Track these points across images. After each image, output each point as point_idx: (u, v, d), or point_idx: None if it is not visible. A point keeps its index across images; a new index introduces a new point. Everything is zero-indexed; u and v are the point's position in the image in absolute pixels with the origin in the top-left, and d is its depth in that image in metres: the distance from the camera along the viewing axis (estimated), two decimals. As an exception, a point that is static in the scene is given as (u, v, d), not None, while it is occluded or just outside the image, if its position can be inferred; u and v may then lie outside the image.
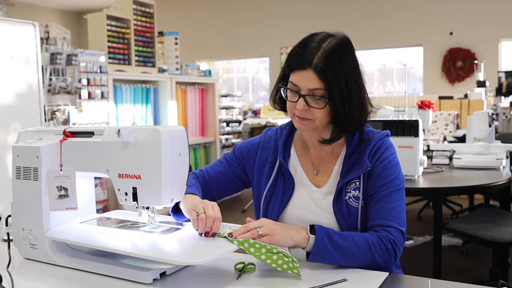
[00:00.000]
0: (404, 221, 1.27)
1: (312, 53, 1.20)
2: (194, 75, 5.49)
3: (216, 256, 1.10)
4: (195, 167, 5.41)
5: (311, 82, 1.20)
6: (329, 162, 1.36)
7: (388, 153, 1.31)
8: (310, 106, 1.23)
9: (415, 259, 3.55)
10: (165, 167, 1.15)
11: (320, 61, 1.19)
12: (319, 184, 1.35)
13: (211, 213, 1.18)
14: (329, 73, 1.19)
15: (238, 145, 1.51)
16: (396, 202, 1.26)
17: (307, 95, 1.22)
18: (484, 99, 5.71)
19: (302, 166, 1.38)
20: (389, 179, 1.28)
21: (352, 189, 1.29)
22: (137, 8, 4.78)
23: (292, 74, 1.24)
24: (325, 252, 1.15)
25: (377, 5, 8.71)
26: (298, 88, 1.23)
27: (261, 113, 7.87)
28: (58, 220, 1.28)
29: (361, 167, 1.28)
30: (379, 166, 1.29)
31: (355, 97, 1.24)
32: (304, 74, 1.21)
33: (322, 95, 1.21)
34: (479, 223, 2.55)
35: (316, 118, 1.24)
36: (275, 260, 1.12)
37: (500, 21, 7.80)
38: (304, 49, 1.22)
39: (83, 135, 1.28)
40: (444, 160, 3.06)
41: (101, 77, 4.18)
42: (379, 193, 1.27)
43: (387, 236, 1.21)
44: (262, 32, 9.71)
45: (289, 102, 1.27)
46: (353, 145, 1.33)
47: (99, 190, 4.21)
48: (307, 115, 1.24)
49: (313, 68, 1.19)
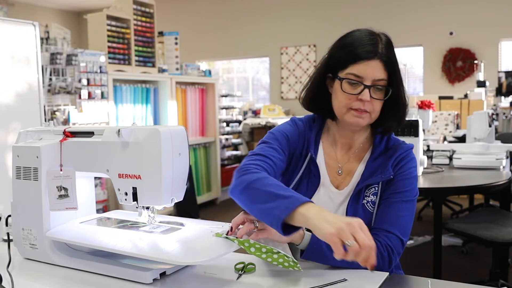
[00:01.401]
0: (408, 232, 1.26)
1: (375, 45, 1.22)
2: (194, 75, 5.49)
3: (216, 256, 1.10)
4: (195, 167, 5.41)
5: (378, 72, 1.21)
6: (352, 163, 1.35)
7: (410, 165, 1.31)
8: (372, 97, 1.22)
9: (415, 259, 3.55)
10: (165, 167, 1.15)
11: (384, 52, 1.21)
12: (339, 185, 1.34)
13: (365, 241, 0.94)
14: (391, 64, 1.22)
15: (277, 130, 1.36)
16: (405, 212, 1.26)
17: (372, 86, 1.22)
18: (484, 99, 5.71)
19: (326, 164, 1.36)
20: (405, 190, 1.28)
21: (371, 194, 1.29)
22: (137, 8, 4.78)
23: (354, 65, 1.22)
24: (319, 251, 1.16)
25: (377, 5, 8.71)
26: (361, 79, 1.22)
27: (261, 113, 7.87)
28: (58, 220, 1.28)
29: (384, 174, 1.28)
30: (400, 175, 1.29)
31: (403, 91, 1.27)
32: (372, 64, 1.21)
33: (383, 85, 1.23)
34: (479, 223, 2.55)
35: (373, 111, 1.25)
36: (276, 259, 1.12)
37: (500, 21, 7.80)
38: (369, 40, 1.22)
39: (83, 135, 1.28)
40: (444, 160, 3.06)
41: (101, 77, 4.18)
42: (390, 200, 1.27)
43: (385, 242, 1.21)
44: (262, 32, 9.71)
45: (346, 95, 1.24)
46: (378, 150, 1.33)
47: (99, 190, 4.21)
48: (367, 107, 1.23)
49: (379, 58, 1.21)
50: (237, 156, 6.48)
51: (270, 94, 9.94)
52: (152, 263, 1.15)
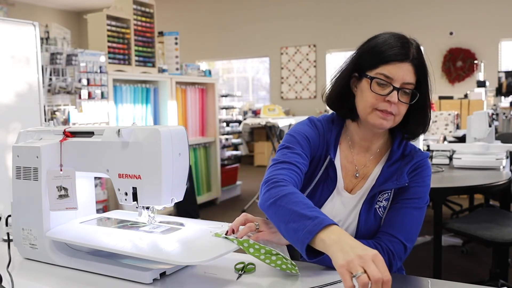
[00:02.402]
0: (413, 239, 1.25)
1: (408, 48, 1.22)
2: (194, 75, 5.49)
3: (216, 256, 1.10)
4: (195, 167, 5.41)
5: (408, 75, 1.21)
6: (369, 167, 1.34)
7: (425, 174, 1.30)
8: (399, 100, 1.22)
9: (415, 259, 3.55)
10: (165, 167, 1.15)
11: (415, 55, 1.22)
12: (354, 188, 1.33)
13: (375, 273, 0.87)
14: (422, 69, 1.23)
15: (297, 132, 1.33)
16: (413, 218, 1.26)
17: (401, 88, 1.21)
18: (484, 99, 5.71)
19: (343, 167, 1.34)
20: (416, 197, 1.28)
21: (383, 199, 1.29)
22: (137, 8, 4.78)
23: (385, 66, 1.21)
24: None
25: (377, 5, 8.71)
26: (391, 80, 1.21)
27: (261, 113, 7.87)
28: (58, 220, 1.28)
29: (399, 181, 1.27)
30: (413, 182, 1.28)
31: (429, 99, 1.27)
32: (404, 66, 1.21)
33: (411, 89, 1.22)
34: (479, 223, 2.55)
35: (398, 114, 1.24)
36: (274, 261, 1.12)
37: (500, 21, 7.80)
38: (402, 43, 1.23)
39: (83, 135, 1.28)
40: (444, 160, 3.06)
41: (101, 77, 4.18)
42: (400, 205, 1.26)
43: (387, 246, 1.20)
44: (262, 32, 9.71)
45: (374, 95, 1.23)
46: (396, 156, 1.32)
47: (99, 190, 4.21)
48: (393, 109, 1.22)
49: (411, 62, 1.21)
50: (237, 156, 6.48)
51: (270, 94, 9.95)
52: (152, 263, 1.15)
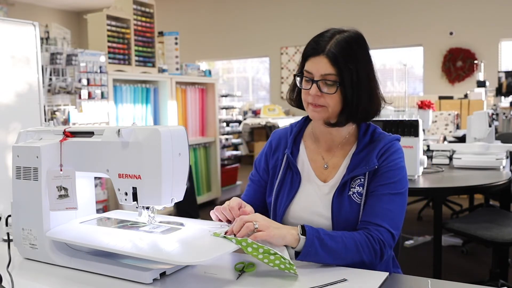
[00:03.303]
0: (398, 226, 1.28)
1: (326, 41, 1.28)
2: (194, 75, 5.49)
3: (216, 256, 1.10)
4: (195, 167, 5.41)
5: (323, 68, 1.26)
6: (338, 157, 1.39)
7: (395, 156, 1.33)
8: (322, 91, 1.28)
9: (415, 259, 3.55)
10: (165, 167, 1.15)
11: (332, 47, 1.26)
12: (326, 179, 1.38)
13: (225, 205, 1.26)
14: (341, 59, 1.26)
15: (256, 159, 1.54)
16: (394, 205, 1.28)
17: (319, 81, 1.27)
18: (484, 99, 5.71)
19: (310, 161, 1.41)
20: (392, 181, 1.30)
21: (356, 185, 1.32)
22: (137, 8, 4.78)
23: (306, 62, 1.31)
24: (314, 254, 1.18)
25: (377, 5, 8.71)
26: (311, 75, 1.29)
27: (261, 113, 7.88)
28: (58, 220, 1.28)
29: (368, 165, 1.31)
30: (385, 166, 1.31)
31: (364, 87, 1.29)
32: (317, 60, 1.27)
33: (334, 80, 1.26)
34: (479, 223, 2.55)
35: (328, 105, 1.29)
36: (273, 260, 1.12)
37: (500, 21, 7.80)
38: (318, 38, 1.30)
39: (83, 135, 1.28)
40: (444, 160, 3.06)
41: (101, 77, 4.18)
42: (380, 192, 1.29)
43: (377, 236, 1.23)
44: (262, 32, 9.71)
45: (304, 90, 1.32)
46: (363, 143, 1.36)
47: (99, 190, 4.21)
48: (320, 101, 1.29)
49: (325, 54, 1.26)
50: (237, 156, 6.48)
51: (270, 94, 9.94)
52: (152, 263, 1.15)
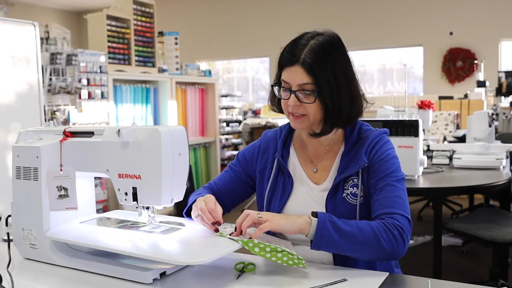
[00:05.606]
0: (409, 211, 1.24)
1: (300, 50, 1.24)
2: (194, 75, 5.48)
3: (216, 256, 1.10)
4: (195, 167, 5.41)
5: (300, 77, 1.24)
6: (327, 159, 1.37)
7: (385, 148, 1.32)
8: (301, 101, 1.25)
9: (415, 259, 3.55)
10: (165, 167, 1.15)
11: (307, 56, 1.23)
12: (318, 181, 1.36)
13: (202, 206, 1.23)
14: (316, 67, 1.22)
15: (241, 151, 1.52)
16: (399, 191, 1.26)
17: (297, 91, 1.25)
18: (484, 99, 5.70)
19: (301, 164, 1.40)
20: (389, 171, 1.28)
21: (350, 186, 1.30)
22: (137, 8, 4.77)
23: (283, 72, 1.28)
24: (328, 237, 1.13)
25: (377, 5, 8.71)
26: (289, 85, 1.27)
27: (261, 113, 7.86)
28: (58, 220, 1.28)
29: (358, 163, 1.29)
30: (377, 160, 1.29)
31: (344, 91, 1.26)
32: (293, 70, 1.24)
33: (312, 89, 1.24)
34: (479, 223, 2.55)
35: (309, 113, 1.27)
36: (281, 257, 1.12)
37: (500, 21, 7.80)
38: (292, 47, 1.26)
39: (83, 135, 1.28)
40: (444, 160, 3.06)
41: (101, 77, 4.18)
42: (380, 185, 1.26)
43: (393, 222, 1.18)
44: (262, 32, 9.71)
45: (283, 100, 1.30)
46: (351, 142, 1.34)
47: (99, 190, 4.21)
48: (300, 110, 1.27)
49: (300, 64, 1.23)
50: (237, 156, 6.46)
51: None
52: (152, 263, 1.15)
